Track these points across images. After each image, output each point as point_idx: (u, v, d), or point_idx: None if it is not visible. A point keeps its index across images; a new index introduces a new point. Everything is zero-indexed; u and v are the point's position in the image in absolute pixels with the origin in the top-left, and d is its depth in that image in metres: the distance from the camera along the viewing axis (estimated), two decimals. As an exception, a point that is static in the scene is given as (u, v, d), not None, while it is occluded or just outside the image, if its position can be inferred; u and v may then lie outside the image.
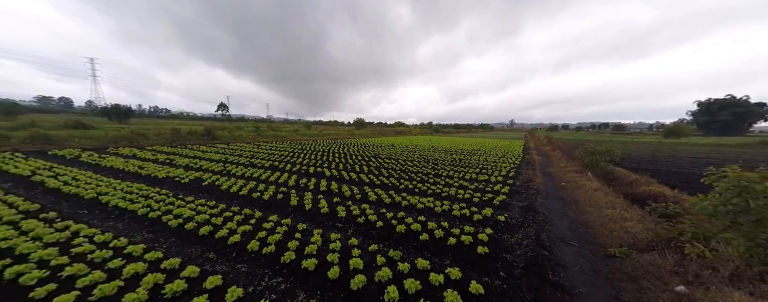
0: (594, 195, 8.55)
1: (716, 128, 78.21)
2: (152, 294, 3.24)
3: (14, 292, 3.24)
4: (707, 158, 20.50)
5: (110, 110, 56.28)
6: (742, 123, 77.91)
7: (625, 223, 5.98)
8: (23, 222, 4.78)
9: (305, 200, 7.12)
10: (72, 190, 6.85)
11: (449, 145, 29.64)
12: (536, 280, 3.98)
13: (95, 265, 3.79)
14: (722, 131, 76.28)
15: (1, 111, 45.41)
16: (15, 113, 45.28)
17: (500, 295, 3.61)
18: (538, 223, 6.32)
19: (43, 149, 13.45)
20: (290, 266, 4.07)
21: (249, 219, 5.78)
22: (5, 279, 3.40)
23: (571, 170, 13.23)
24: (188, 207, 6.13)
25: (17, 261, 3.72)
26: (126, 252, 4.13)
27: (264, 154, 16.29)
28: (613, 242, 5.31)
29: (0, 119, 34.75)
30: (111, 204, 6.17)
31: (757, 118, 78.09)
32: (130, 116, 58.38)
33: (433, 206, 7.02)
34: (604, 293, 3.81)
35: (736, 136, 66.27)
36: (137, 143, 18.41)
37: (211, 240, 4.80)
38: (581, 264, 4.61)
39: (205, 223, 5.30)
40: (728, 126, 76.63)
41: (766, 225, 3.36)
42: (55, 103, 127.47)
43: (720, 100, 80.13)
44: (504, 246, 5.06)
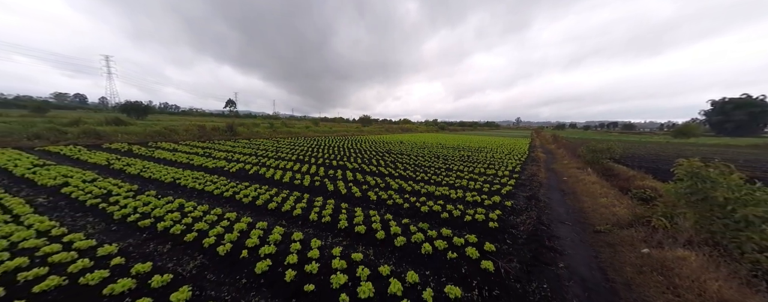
0: (591, 187, 9.63)
1: (730, 128, 76.73)
2: (261, 239, 4.55)
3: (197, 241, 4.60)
4: (711, 158, 21.08)
5: (129, 107, 58.79)
6: (757, 123, 76.27)
7: (613, 209, 7.10)
8: (142, 197, 6.21)
9: (339, 187, 8.41)
10: (152, 176, 8.29)
11: (456, 142, 30.64)
12: (535, 245, 5.18)
13: (212, 224, 5.13)
14: (736, 132, 74.85)
15: (32, 108, 48.38)
16: (44, 110, 48.13)
17: (507, 253, 4.83)
18: (539, 208, 7.48)
19: (96, 143, 15.07)
20: (345, 230, 5.35)
21: (300, 199, 7.10)
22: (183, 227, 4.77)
23: (573, 166, 14.24)
24: (250, 189, 7.49)
25: (159, 220, 5.10)
26: (225, 218, 5.49)
27: (286, 149, 17.68)
28: (600, 222, 6.45)
29: (33, 116, 37.12)
30: (189, 187, 7.57)
31: (773, 118, 76.39)
32: (148, 113, 60.86)
33: (449, 194, 8.23)
34: (587, 254, 4.99)
35: (750, 136, 65.23)
36: (170, 138, 20.04)
37: (279, 213, 6.14)
38: (572, 237, 5.78)
39: (270, 200, 6.65)
40: (742, 126, 75.10)
41: (709, 202, 4.46)
42: (71, 99, 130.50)
43: (735, 99, 78.47)
44: (510, 224, 6.24)
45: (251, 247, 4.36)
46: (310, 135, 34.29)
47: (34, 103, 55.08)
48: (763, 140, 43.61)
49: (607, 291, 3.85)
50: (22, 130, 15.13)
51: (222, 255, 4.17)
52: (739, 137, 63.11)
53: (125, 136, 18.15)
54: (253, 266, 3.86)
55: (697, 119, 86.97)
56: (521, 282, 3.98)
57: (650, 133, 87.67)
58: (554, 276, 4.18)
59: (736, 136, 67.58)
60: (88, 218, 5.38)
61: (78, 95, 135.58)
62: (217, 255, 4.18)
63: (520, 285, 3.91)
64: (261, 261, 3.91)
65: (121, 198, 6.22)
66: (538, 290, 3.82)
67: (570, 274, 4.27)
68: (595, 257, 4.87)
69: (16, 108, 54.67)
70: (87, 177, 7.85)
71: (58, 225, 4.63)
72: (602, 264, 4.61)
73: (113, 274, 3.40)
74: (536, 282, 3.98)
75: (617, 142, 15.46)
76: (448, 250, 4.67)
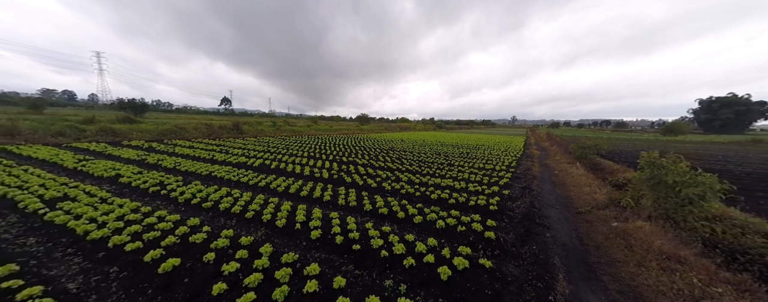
0: (578, 179, 10.86)
1: (717, 126, 79.18)
2: (306, 217, 5.61)
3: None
4: (692, 154, 22.56)
5: (126, 105, 58.69)
6: (742, 121, 78.81)
7: (594, 195, 8.30)
8: (191, 186, 7.22)
9: (355, 179, 9.47)
10: (188, 169, 9.28)
11: (454, 140, 31.85)
12: (528, 223, 6.33)
13: (262, 206, 6.17)
14: (723, 129, 77.29)
15: (29, 105, 48.29)
16: (40, 107, 48.07)
17: (505, 228, 5.97)
18: (532, 196, 8.63)
19: (115, 140, 15.89)
20: (371, 212, 6.45)
21: (325, 189, 8.15)
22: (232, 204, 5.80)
23: (564, 162, 15.50)
24: (279, 180, 8.52)
25: (218, 203, 6.13)
26: (270, 202, 6.54)
27: (295, 147, 18.66)
28: (583, 205, 7.65)
29: (30, 112, 37.33)
30: (225, 178, 8.59)
31: (757, 116, 78.85)
32: (145, 111, 60.77)
33: (453, 185, 9.36)
34: (569, 228, 6.16)
35: (736, 134, 67.62)
36: (182, 136, 20.87)
37: (311, 199, 7.21)
38: (558, 217, 6.95)
39: (300, 189, 7.71)
40: (728, 124, 77.58)
41: (663, 185, 5.64)
42: (59, 96, 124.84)
43: (721, 98, 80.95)
44: (507, 207, 7.39)
45: (301, 222, 5.44)
46: (312, 133, 35.22)
47: (30, 101, 54.81)
48: (745, 137, 45.63)
49: (581, 252, 5.01)
50: (45, 128, 15.87)
51: (280, 227, 5.24)
52: (725, 134, 65.46)
53: (139, 134, 18.95)
54: (308, 234, 4.94)
55: (686, 118, 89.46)
56: (516, 246, 5.12)
57: (641, 131, 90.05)
58: (542, 243, 5.33)
59: (722, 134, 69.97)
60: (157, 201, 6.39)
61: (67, 92, 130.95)
62: (276, 227, 5.25)
63: (515, 248, 5.05)
64: (313, 231, 4.99)
65: (175, 186, 7.23)
66: (528, 251, 4.96)
67: (554, 241, 5.42)
68: (575, 230, 6.05)
69: (5, 104, 54.04)
70: (133, 170, 8.82)
71: (142, 205, 5.64)
72: (580, 234, 5.78)
73: (210, 237, 4.45)
74: (527, 246, 5.12)
75: (606, 140, 16.73)
76: (458, 225, 5.79)
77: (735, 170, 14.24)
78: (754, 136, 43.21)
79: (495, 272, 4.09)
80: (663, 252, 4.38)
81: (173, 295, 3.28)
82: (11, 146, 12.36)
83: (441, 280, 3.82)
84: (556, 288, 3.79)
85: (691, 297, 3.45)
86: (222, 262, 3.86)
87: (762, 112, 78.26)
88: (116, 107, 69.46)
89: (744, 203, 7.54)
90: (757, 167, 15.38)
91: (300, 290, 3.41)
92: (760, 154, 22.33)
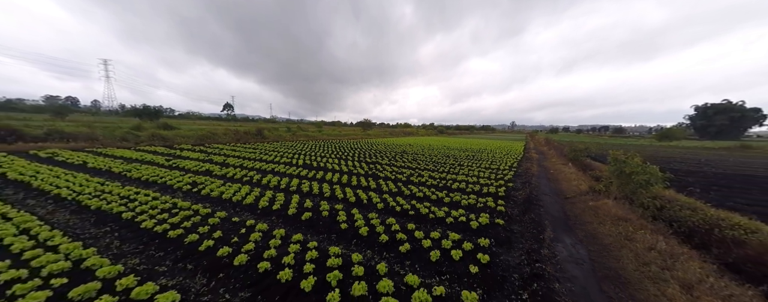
0: (569, 175, 13.10)
1: (712, 132, 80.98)
2: (376, 195, 7.85)
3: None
4: (679, 158, 24.71)
5: (141, 111, 60.94)
6: (737, 128, 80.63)
7: (579, 186, 10.54)
8: (290, 170, 9.51)
9: (387, 173, 11.72)
10: (268, 168, 11.56)
11: (459, 144, 34.11)
12: (527, 203, 8.55)
13: (342, 186, 8.41)
14: (718, 135, 78.99)
15: (54, 112, 50.92)
16: (64, 114, 50.69)
17: (512, 206, 8.19)
18: (531, 188, 10.87)
19: (167, 144, 18.20)
20: (409, 196, 8.68)
21: (368, 179, 10.38)
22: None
23: (559, 163, 17.75)
24: (328, 174, 10.78)
25: (322, 180, 8.40)
26: (334, 189, 8.81)
27: (319, 150, 20.95)
28: (570, 193, 9.88)
29: (56, 120, 39.64)
30: (286, 172, 10.87)
31: (751, 122, 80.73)
32: (159, 116, 63.03)
33: (467, 179, 11.59)
34: (557, 207, 8.38)
35: (731, 140, 69.47)
36: (216, 140, 23.21)
37: (361, 187, 9.45)
38: (550, 201, 9.17)
39: (349, 181, 9.97)
40: (723, 130, 79.36)
41: (624, 175, 7.88)
42: (62, 102, 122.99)
43: (716, 104, 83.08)
44: (512, 195, 9.62)
45: (366, 200, 7.68)
46: (324, 138, 37.56)
47: (54, 108, 57.42)
48: (735, 143, 47.74)
49: (563, 218, 7.24)
50: (109, 134, 18.22)
51: (353, 202, 7.49)
52: (719, 140, 67.44)
53: (182, 139, 21.29)
54: (376, 207, 7.18)
55: (683, 124, 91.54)
56: (519, 216, 7.35)
57: (638, 137, 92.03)
58: (537, 214, 7.55)
59: (717, 139, 71.85)
60: (268, 190, 8.67)
61: (70, 98, 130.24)
62: (353, 203, 7.50)
63: (518, 217, 7.27)
64: (378, 204, 7.23)
65: (275, 182, 9.56)
66: (528, 218, 7.18)
67: (546, 213, 7.65)
68: (561, 208, 8.27)
69: (18, 112, 55.58)
70: (231, 172, 11.15)
71: (297, 196, 7.93)
72: (565, 210, 8.01)
73: (331, 209, 6.73)
74: (527, 216, 7.35)
75: (597, 144, 18.95)
76: (477, 203, 8.05)
77: (709, 171, 16.44)
78: (743, 142, 45.43)
79: (506, 227, 6.33)
80: (617, 216, 6.60)
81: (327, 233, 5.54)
82: (101, 148, 14.68)
83: (471, 228, 6.07)
84: (545, 234, 6.00)
85: (624, 236, 5.66)
86: (347, 222, 6.13)
87: (756, 119, 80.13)
88: (131, 113, 71.85)
89: (698, 193, 9.77)
90: (728, 168, 17.59)
91: (389, 229, 5.65)
92: (740, 159, 24.49)
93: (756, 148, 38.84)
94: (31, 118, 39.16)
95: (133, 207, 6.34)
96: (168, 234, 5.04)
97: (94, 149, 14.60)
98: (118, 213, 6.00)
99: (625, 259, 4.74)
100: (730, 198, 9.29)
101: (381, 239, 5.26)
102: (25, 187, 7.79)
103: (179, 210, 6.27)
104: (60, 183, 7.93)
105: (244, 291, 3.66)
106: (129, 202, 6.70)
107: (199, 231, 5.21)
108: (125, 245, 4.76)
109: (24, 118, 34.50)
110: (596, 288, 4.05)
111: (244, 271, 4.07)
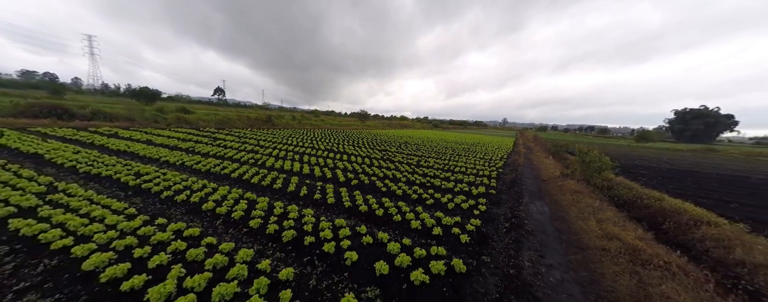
0: (548, 165, 15.85)
1: (688, 136, 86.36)
2: (391, 173, 10.26)
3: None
4: (647, 157, 28.07)
5: (139, 92, 60.63)
6: (710, 132, 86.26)
7: (554, 172, 13.26)
8: (317, 153, 11.76)
9: (399, 159, 14.15)
10: (302, 151, 13.77)
11: (455, 138, 36.76)
12: (513, 184, 11.16)
13: (364, 168, 10.77)
14: (693, 139, 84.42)
15: (50, 90, 50.75)
16: (61, 93, 50.62)
17: (501, 185, 10.78)
18: (516, 173, 13.52)
19: (191, 127, 19.98)
20: (423, 174, 11.14)
21: (386, 162, 12.77)
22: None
23: (542, 156, 20.57)
24: (352, 158, 13.10)
25: (349, 161, 10.74)
26: (364, 167, 11.17)
27: (330, 138, 23.11)
28: (546, 176, 12.58)
29: (54, 98, 39.90)
30: (316, 154, 13.15)
31: (724, 128, 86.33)
32: (157, 99, 62.76)
33: (466, 166, 14.15)
34: (535, 186, 11.04)
35: (704, 143, 74.68)
36: (233, 125, 24.99)
37: (384, 167, 11.84)
38: (530, 182, 11.83)
39: (372, 163, 12.35)
40: (698, 134, 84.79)
41: (585, 163, 10.53)
42: (40, 78, 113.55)
43: (694, 110, 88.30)
44: (502, 177, 12.23)
45: (392, 175, 10.08)
46: (328, 127, 39.51)
47: (52, 86, 56.75)
48: (702, 146, 52.26)
49: (538, 192, 9.87)
50: (139, 115, 19.83)
51: (381, 176, 9.89)
52: (693, 144, 72.59)
53: (202, 123, 23.03)
54: (396, 187, 9.62)
55: (663, 127, 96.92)
56: (506, 190, 9.92)
57: (620, 137, 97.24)
58: (519, 189, 10.14)
59: (692, 143, 77.08)
60: (316, 167, 10.93)
61: (48, 74, 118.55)
62: (380, 177, 9.90)
63: (505, 190, 9.85)
64: (397, 192, 9.66)
65: (311, 157, 11.77)
66: (513, 191, 9.75)
67: (525, 190, 10.26)
68: (538, 186, 10.93)
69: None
70: (271, 145, 13.29)
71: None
72: (540, 187, 10.66)
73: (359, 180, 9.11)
74: (511, 190, 9.94)
75: (578, 143, 21.84)
76: (475, 181, 10.58)
77: (664, 167, 19.58)
78: (709, 146, 49.93)
79: (496, 195, 8.89)
80: (574, 190, 9.25)
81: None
82: (146, 128, 16.46)
83: (473, 194, 8.60)
84: (523, 200, 8.57)
85: (575, 200, 8.31)
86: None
87: (728, 124, 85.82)
88: (129, 95, 70.98)
89: (645, 180, 12.63)
90: (681, 166, 20.82)
91: (416, 193, 8.10)
92: (698, 159, 28.06)
93: (719, 151, 43.12)
94: (30, 94, 39.40)
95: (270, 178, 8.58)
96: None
97: (139, 129, 16.35)
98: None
99: (571, 211, 7.35)
100: (665, 185, 12.16)
101: (413, 197, 7.72)
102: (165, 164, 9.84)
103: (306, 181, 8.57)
104: (187, 161, 9.75)
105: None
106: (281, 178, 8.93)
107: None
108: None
109: (71, 98, 35.13)
110: (549, 224, 6.63)
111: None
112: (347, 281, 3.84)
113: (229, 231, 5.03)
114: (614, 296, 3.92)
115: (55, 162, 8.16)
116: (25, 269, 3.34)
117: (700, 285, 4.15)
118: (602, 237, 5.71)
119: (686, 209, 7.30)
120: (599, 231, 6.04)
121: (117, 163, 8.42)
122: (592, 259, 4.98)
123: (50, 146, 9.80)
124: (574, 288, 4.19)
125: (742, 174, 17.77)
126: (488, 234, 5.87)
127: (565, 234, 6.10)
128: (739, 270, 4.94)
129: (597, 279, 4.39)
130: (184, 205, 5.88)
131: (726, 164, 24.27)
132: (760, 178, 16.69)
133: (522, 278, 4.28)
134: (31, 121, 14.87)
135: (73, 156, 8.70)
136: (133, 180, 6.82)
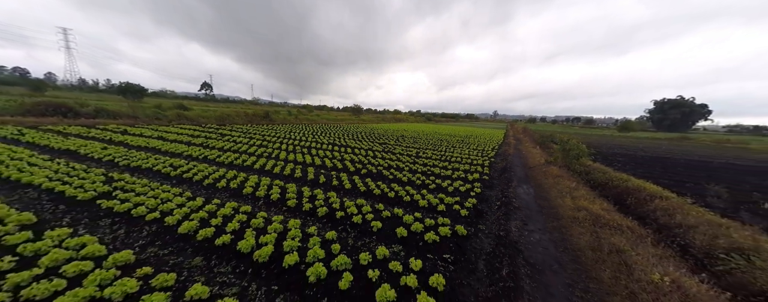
0: (535, 153, 17.31)
1: (666, 125, 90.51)
2: (396, 165, 11.39)
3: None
4: (626, 145, 30.07)
5: (125, 88, 59.20)
6: (686, 121, 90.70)
7: (539, 160, 14.67)
8: (323, 148, 12.74)
9: (400, 151, 15.27)
10: (310, 145, 14.67)
11: (448, 131, 38.09)
12: (503, 171, 12.48)
13: (368, 158, 11.84)
14: (671, 128, 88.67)
15: (31, 87, 49.32)
16: (42, 89, 49.29)
17: (493, 172, 12.07)
18: (507, 162, 14.89)
19: (193, 124, 20.46)
20: (423, 163, 12.31)
21: (388, 154, 13.87)
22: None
23: (530, 146, 22.09)
24: (358, 150, 14.14)
25: (356, 153, 11.79)
26: (371, 158, 12.24)
27: (331, 132, 23.99)
28: (532, 164, 13.97)
29: (36, 95, 38.99)
30: (339, 144, 14.13)
31: (699, 117, 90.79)
32: (143, 95, 61.36)
33: (461, 155, 15.40)
34: (523, 172, 12.39)
35: (681, 132, 78.73)
36: (232, 121, 25.47)
37: (387, 158, 12.96)
38: (519, 169, 13.19)
39: (375, 154, 13.43)
40: (675, 123, 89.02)
41: (566, 151, 11.90)
42: (9, 72, 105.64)
43: (672, 100, 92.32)
44: (493, 165, 13.53)
45: (396, 165, 11.21)
46: (324, 122, 40.14)
47: (32, 82, 54.93)
48: (679, 135, 55.45)
49: (525, 177, 11.21)
50: (141, 113, 20.16)
51: (387, 167, 11.01)
52: (671, 133, 76.44)
53: (203, 119, 23.47)
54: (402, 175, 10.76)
55: (644, 117, 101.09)
56: (498, 176, 11.21)
57: (604, 128, 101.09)
58: (509, 175, 11.45)
59: (670, 132, 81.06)
60: (327, 159, 11.90)
61: (18, 69, 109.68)
62: (385, 167, 11.01)
63: (497, 176, 11.13)
64: (405, 170, 10.80)
65: (318, 150, 12.72)
66: (502, 177, 11.05)
67: (514, 175, 11.59)
68: (525, 172, 12.29)
69: None
70: (277, 141, 14.14)
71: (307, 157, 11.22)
72: (527, 173, 12.01)
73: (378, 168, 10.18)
74: (502, 176, 11.23)
75: (566, 133, 23.45)
76: (470, 168, 11.82)
77: (638, 154, 21.39)
78: (684, 135, 53.10)
79: (489, 180, 10.14)
80: (556, 175, 10.61)
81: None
82: (151, 125, 16.94)
83: (468, 180, 9.83)
84: (512, 184, 9.87)
85: (556, 183, 9.66)
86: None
87: (703, 113, 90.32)
88: (115, 90, 69.05)
89: (620, 166, 14.18)
90: (654, 154, 22.72)
91: (420, 178, 9.27)
92: (671, 147, 30.27)
93: (692, 138, 46.07)
94: (7, 91, 38.31)
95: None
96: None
97: (145, 126, 16.83)
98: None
99: (552, 191, 8.68)
100: (636, 169, 13.73)
101: (417, 183, 8.87)
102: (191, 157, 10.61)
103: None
104: (208, 155, 10.58)
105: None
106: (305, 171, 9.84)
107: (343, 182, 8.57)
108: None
109: (74, 97, 34.40)
110: (533, 202, 7.93)
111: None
112: (376, 241, 4.96)
113: (271, 209, 6.06)
114: (577, 246, 5.20)
115: (93, 157, 8.89)
116: (134, 233, 4.32)
117: (641, 239, 5.49)
118: (574, 209, 7.03)
119: (646, 187, 8.74)
120: (573, 205, 7.35)
121: (148, 157, 9.20)
122: (565, 225, 6.27)
123: (79, 143, 10.43)
124: (549, 244, 5.45)
125: (706, 160, 19.73)
126: (483, 210, 7.09)
127: (546, 209, 7.40)
128: (676, 231, 6.33)
129: (566, 237, 5.67)
130: (225, 191, 6.85)
131: (696, 151, 26.47)
132: (721, 162, 18.68)
133: (510, 238, 5.52)
134: (39, 120, 15.18)
135: (103, 151, 9.42)
136: (172, 171, 7.69)
